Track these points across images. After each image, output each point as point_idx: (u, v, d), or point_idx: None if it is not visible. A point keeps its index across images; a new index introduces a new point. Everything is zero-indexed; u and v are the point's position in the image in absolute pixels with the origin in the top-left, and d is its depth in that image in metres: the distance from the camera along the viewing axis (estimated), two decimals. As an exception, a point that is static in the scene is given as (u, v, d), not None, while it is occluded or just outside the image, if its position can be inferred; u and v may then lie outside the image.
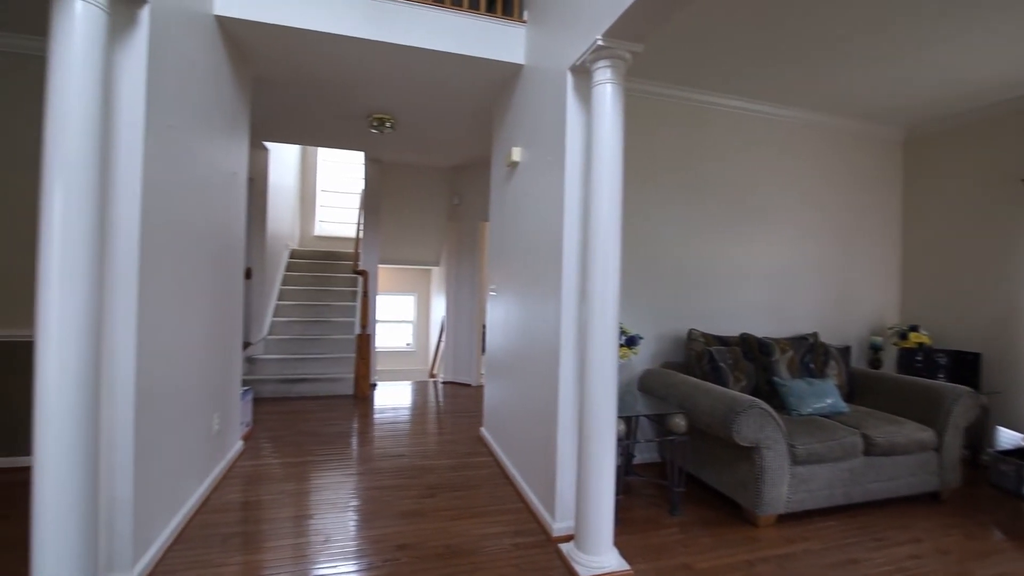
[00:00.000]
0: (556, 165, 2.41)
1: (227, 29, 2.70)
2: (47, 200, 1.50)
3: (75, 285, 1.51)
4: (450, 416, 4.44)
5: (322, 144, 5.49)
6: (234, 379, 3.14)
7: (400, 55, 2.97)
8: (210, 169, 2.57)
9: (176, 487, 2.27)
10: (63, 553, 1.50)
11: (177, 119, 2.14)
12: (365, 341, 5.01)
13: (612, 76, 2.05)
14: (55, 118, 1.52)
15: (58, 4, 1.54)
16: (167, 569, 1.98)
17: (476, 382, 5.63)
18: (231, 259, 2.97)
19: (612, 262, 2.02)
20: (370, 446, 3.57)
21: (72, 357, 1.50)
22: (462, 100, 3.71)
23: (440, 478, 2.98)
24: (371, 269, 5.50)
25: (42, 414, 1.49)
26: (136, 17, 1.85)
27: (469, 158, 5.59)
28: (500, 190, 3.49)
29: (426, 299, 8.82)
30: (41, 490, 1.49)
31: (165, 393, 2.09)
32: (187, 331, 2.32)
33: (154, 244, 1.94)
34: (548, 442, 2.39)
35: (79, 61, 1.55)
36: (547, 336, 2.47)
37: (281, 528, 2.37)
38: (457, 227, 5.92)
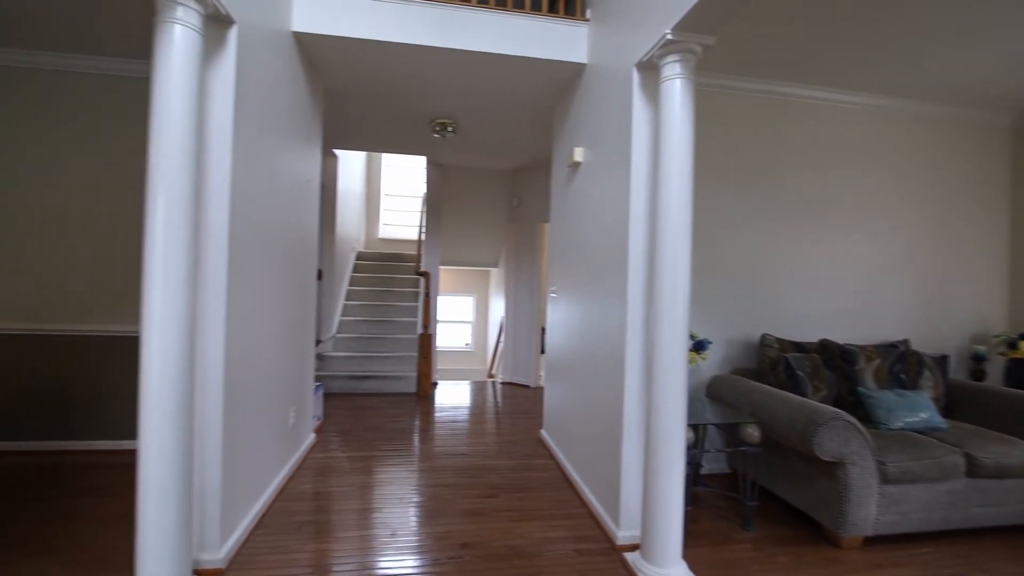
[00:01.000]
0: (621, 164, 2.35)
1: (303, 44, 2.86)
2: (151, 208, 1.64)
3: (174, 286, 1.64)
4: (509, 417, 4.46)
5: (387, 150, 5.69)
6: (308, 375, 3.31)
7: (463, 60, 3.02)
8: (288, 177, 2.72)
9: (257, 475, 2.42)
10: (163, 531, 1.64)
11: (260, 130, 2.29)
12: (427, 341, 5.13)
13: (682, 71, 1.97)
14: (158, 132, 1.66)
15: (161, 29, 1.69)
16: (250, 552, 2.11)
17: (534, 383, 5.63)
18: (306, 261, 3.14)
19: (682, 263, 1.95)
20: (432, 444, 3.64)
21: (172, 352, 1.63)
22: (523, 102, 3.72)
23: (501, 478, 2.99)
24: (433, 270, 5.63)
25: (146, 404, 1.63)
26: (225, 37, 1.99)
27: (529, 160, 5.60)
28: (561, 191, 3.46)
29: (484, 300, 8.92)
30: (145, 473, 1.63)
31: (248, 387, 2.23)
32: (267, 329, 2.47)
33: (239, 248, 2.08)
34: (612, 448, 2.33)
35: (177, 79, 1.68)
36: (611, 339, 2.42)
37: (350, 519, 2.46)
38: (516, 229, 5.94)
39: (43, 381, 3.18)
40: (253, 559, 2.06)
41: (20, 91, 3.16)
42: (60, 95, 3.19)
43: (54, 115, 3.19)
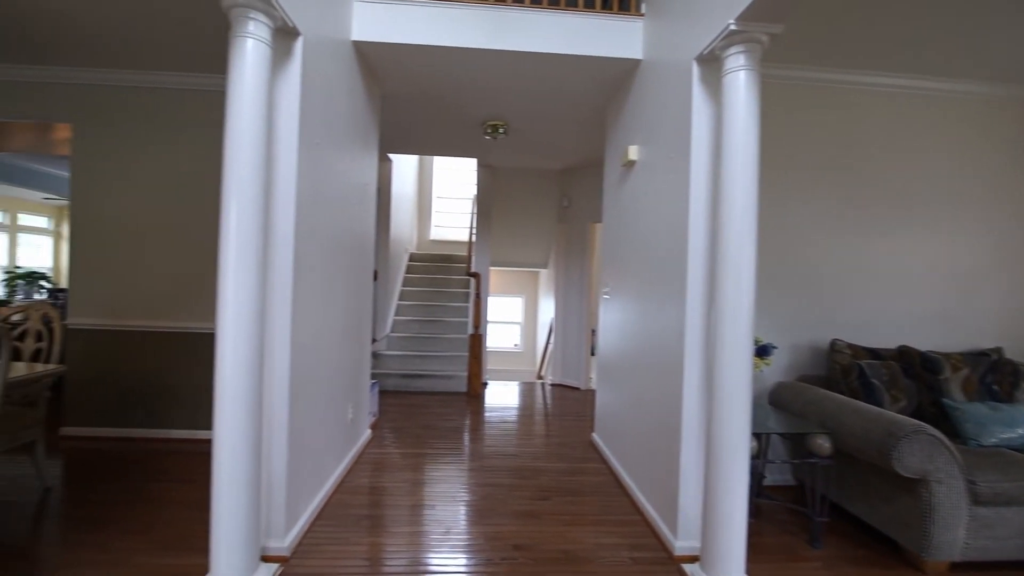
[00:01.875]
0: (679, 162, 2.28)
1: (362, 52, 2.95)
2: (225, 213, 1.74)
3: (246, 286, 1.73)
4: (559, 419, 4.42)
5: (439, 153, 5.80)
6: (364, 372, 3.42)
7: (516, 61, 3.03)
8: (347, 181, 2.82)
9: (318, 468, 2.51)
10: (234, 517, 1.73)
11: (322, 137, 2.38)
12: (477, 341, 5.18)
13: (746, 62, 1.88)
14: (232, 141, 1.75)
15: (235, 43, 1.79)
16: (312, 542, 2.20)
17: (585, 385, 5.56)
18: (363, 262, 3.24)
19: (747, 264, 1.85)
20: (483, 443, 3.67)
21: (243, 348, 1.72)
22: (575, 102, 3.69)
23: (553, 481, 2.97)
24: (483, 271, 5.68)
25: (220, 397, 1.72)
26: (292, 49, 2.08)
27: (579, 160, 5.54)
28: (614, 190, 3.40)
29: (534, 301, 8.92)
30: (219, 462, 1.73)
31: (310, 382, 2.33)
32: (328, 327, 2.57)
33: (303, 250, 2.17)
34: (670, 455, 2.26)
35: (250, 91, 1.78)
36: (668, 342, 2.34)
37: (405, 515, 2.52)
38: (566, 229, 5.90)
39: (128, 373, 3.45)
40: (315, 549, 2.15)
41: (109, 107, 3.45)
42: (146, 110, 3.46)
43: (138, 128, 3.46)
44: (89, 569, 1.95)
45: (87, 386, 3.43)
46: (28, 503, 2.47)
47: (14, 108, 3.50)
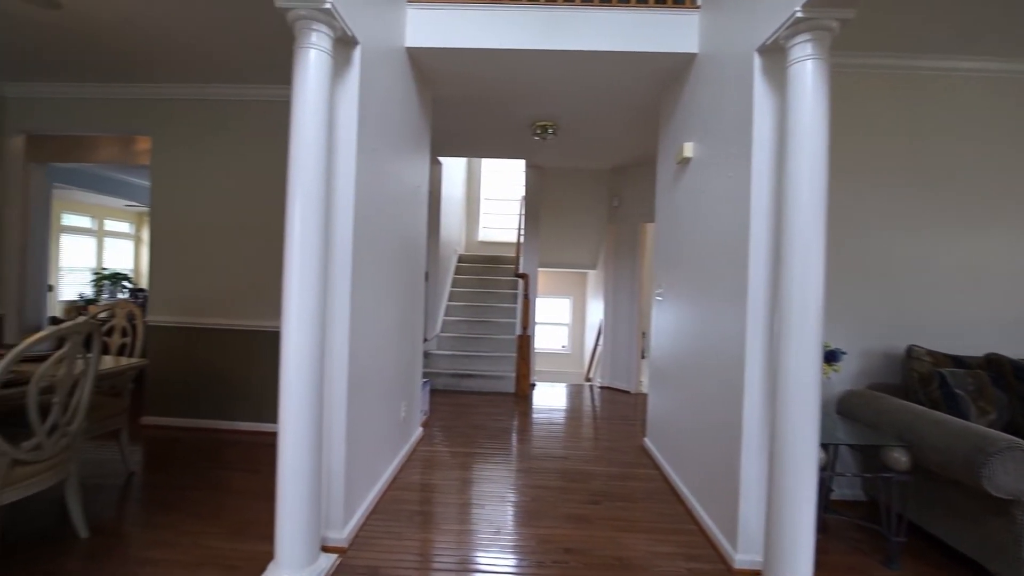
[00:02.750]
0: (739, 158, 2.19)
1: (415, 58, 3.02)
2: (289, 218, 1.82)
3: (309, 287, 1.81)
4: (609, 422, 4.35)
5: (487, 155, 5.86)
6: (417, 371, 3.49)
7: (567, 60, 3.00)
8: (400, 184, 2.89)
9: (373, 463, 2.59)
10: (298, 507, 1.81)
11: (378, 142, 2.45)
12: (526, 342, 5.18)
13: (814, 51, 1.79)
14: (296, 148, 1.83)
15: (299, 55, 1.87)
16: (368, 535, 2.26)
17: (635, 389, 5.44)
18: (415, 264, 3.31)
19: (814, 265, 1.75)
20: (532, 444, 3.66)
21: (306, 346, 1.80)
22: (626, 99, 3.62)
23: (604, 486, 2.92)
24: (531, 272, 5.68)
25: (284, 392, 1.80)
26: (351, 57, 2.16)
27: (630, 159, 5.44)
28: (668, 189, 3.31)
29: (582, 302, 8.83)
30: (283, 454, 1.81)
31: (367, 380, 2.40)
32: (383, 327, 2.64)
33: (360, 252, 2.23)
34: (729, 464, 2.17)
35: (312, 99, 1.85)
36: (727, 345, 2.25)
37: (456, 513, 2.55)
38: (616, 229, 5.80)
39: (199, 368, 3.69)
40: (370, 542, 2.21)
41: (183, 120, 3.70)
42: (215, 121, 3.68)
43: (208, 138, 3.69)
44: (167, 549, 2.09)
45: (164, 379, 3.69)
46: (115, 486, 2.68)
47: (102, 123, 3.82)
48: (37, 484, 1.91)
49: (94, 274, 8.06)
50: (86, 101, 3.77)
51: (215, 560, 2.02)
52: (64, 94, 3.77)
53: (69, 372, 1.93)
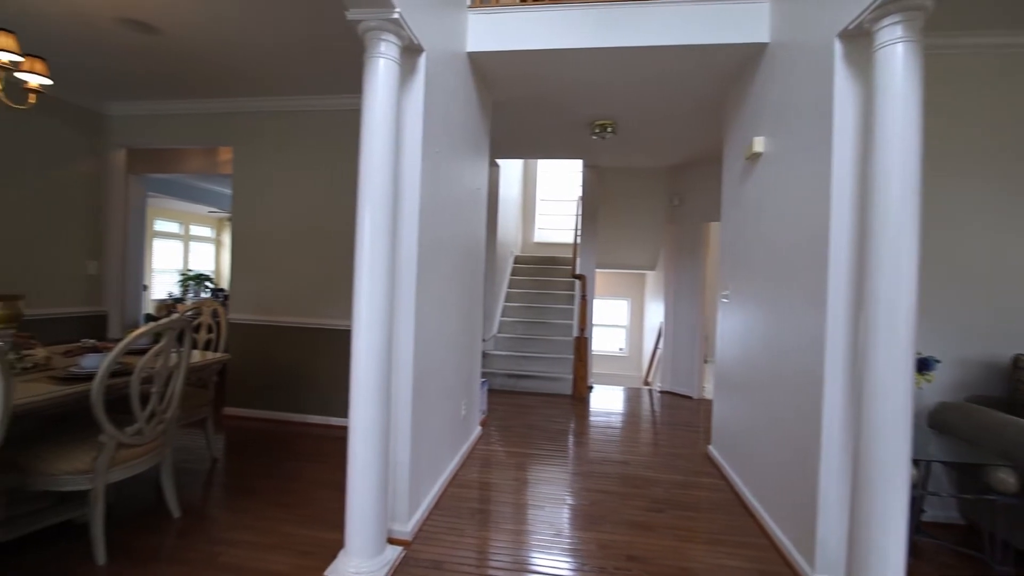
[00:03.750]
0: (817, 151, 2.06)
1: (475, 62, 3.06)
2: (360, 222, 1.90)
3: (378, 288, 1.88)
4: (670, 428, 4.22)
5: (545, 156, 5.85)
6: (476, 370, 3.54)
7: (627, 57, 2.94)
8: (461, 187, 2.94)
9: (436, 460, 2.64)
10: (367, 499, 1.87)
11: (441, 146, 2.50)
12: (583, 344, 5.13)
13: (905, 33, 1.65)
14: (367, 154, 1.91)
15: (368, 64, 1.94)
16: (430, 530, 2.32)
17: (697, 394, 5.24)
18: (475, 265, 3.36)
19: (906, 265, 1.62)
20: (591, 448, 3.61)
21: (375, 344, 1.87)
22: (688, 95, 3.50)
23: (666, 493, 2.83)
24: (588, 273, 5.61)
25: (355, 388, 1.88)
26: (416, 64, 2.22)
27: (691, 156, 5.26)
28: (735, 187, 3.17)
29: (640, 304, 8.63)
30: (353, 448, 1.88)
31: (430, 378, 2.45)
32: (445, 326, 2.69)
33: (425, 254, 2.29)
34: (806, 476, 2.04)
35: (381, 107, 1.92)
36: (803, 351, 2.12)
37: (515, 513, 2.56)
38: (676, 229, 5.62)
39: (274, 363, 3.92)
40: (433, 537, 2.26)
41: (261, 131, 3.95)
42: (289, 130, 3.91)
43: (283, 147, 3.92)
44: (248, 532, 2.23)
45: (243, 372, 3.96)
46: (201, 471, 2.90)
47: (191, 136, 4.16)
48: (138, 466, 2.10)
49: (181, 275, 8.78)
50: (177, 116, 4.12)
51: (290, 545, 2.14)
52: (158, 111, 4.14)
53: (165, 364, 2.11)
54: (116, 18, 2.74)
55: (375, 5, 1.86)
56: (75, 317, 4.08)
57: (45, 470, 1.87)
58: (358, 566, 1.87)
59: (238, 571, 1.94)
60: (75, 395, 1.90)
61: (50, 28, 2.85)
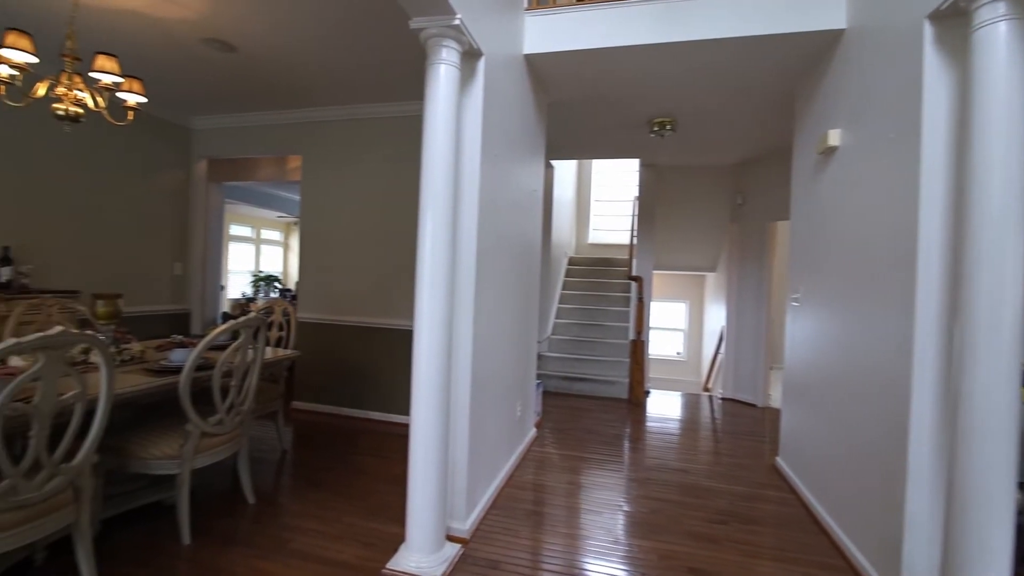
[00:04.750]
0: (904, 144, 1.90)
1: (532, 64, 3.07)
2: (422, 225, 1.94)
3: (439, 290, 1.92)
4: (733, 437, 4.03)
5: (601, 156, 5.78)
6: (531, 372, 3.54)
7: (690, 52, 2.84)
8: (518, 189, 2.95)
9: (492, 460, 2.67)
10: (427, 496, 1.92)
11: (499, 149, 2.53)
12: (639, 347, 5.01)
13: (1009, 10, 1.49)
14: (428, 158, 1.95)
15: (430, 71, 1.99)
16: (487, 529, 2.34)
17: (763, 402, 4.99)
18: (530, 266, 3.36)
19: (1010, 268, 1.46)
20: (648, 454, 3.52)
21: (436, 344, 1.91)
22: (755, 88, 3.34)
23: (730, 505, 2.71)
24: (645, 275, 5.49)
25: (416, 387, 1.93)
26: (475, 69, 2.25)
27: (756, 152, 5.02)
28: (806, 183, 2.99)
29: (699, 307, 8.33)
30: (414, 445, 1.93)
31: (487, 379, 2.48)
32: (502, 327, 2.71)
33: (483, 255, 2.32)
34: (889, 496, 1.89)
35: (442, 111, 1.96)
36: (887, 359, 1.97)
37: (572, 517, 2.53)
38: (740, 229, 5.38)
39: (338, 360, 4.09)
40: (490, 536, 2.27)
41: (326, 138, 4.15)
42: (351, 137, 4.08)
43: (346, 153, 4.09)
44: (315, 521, 2.34)
45: (309, 369, 4.16)
46: (272, 461, 3.07)
47: (264, 146, 4.43)
48: (218, 454, 2.25)
49: (253, 276, 9.37)
50: (252, 128, 4.40)
51: (354, 536, 2.22)
52: (235, 123, 4.44)
53: (243, 360, 2.25)
54: (201, 39, 2.97)
55: (437, 12, 1.90)
56: (163, 314, 4.45)
57: (139, 454, 2.05)
58: (419, 561, 1.92)
59: (306, 558, 2.04)
60: (166, 386, 2.06)
61: (144, 50, 3.13)
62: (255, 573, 1.93)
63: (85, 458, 1.65)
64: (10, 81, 2.15)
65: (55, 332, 1.41)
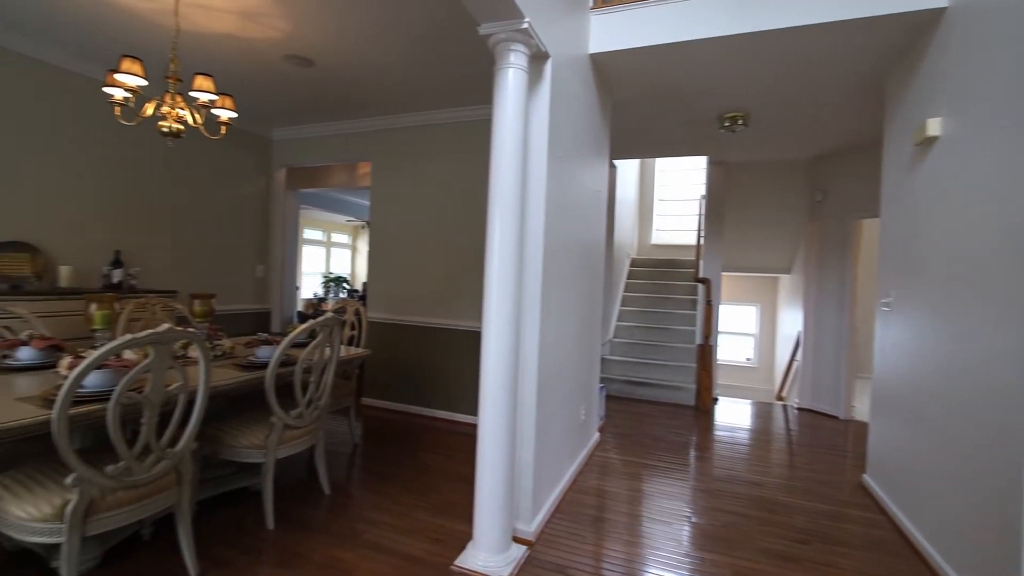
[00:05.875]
0: (1021, 132, 1.70)
1: (597, 64, 3.03)
2: (490, 228, 1.97)
3: (506, 293, 1.93)
4: (811, 450, 3.78)
5: (666, 154, 5.60)
6: (594, 375, 3.49)
7: (767, 43, 2.70)
8: (582, 190, 2.92)
9: (557, 463, 2.65)
10: (495, 496, 1.94)
11: (564, 150, 2.51)
12: (707, 352, 4.81)
13: None
14: (497, 162, 1.97)
15: (499, 76, 2.01)
16: (552, 533, 2.32)
17: (846, 414, 4.63)
18: (595, 268, 3.31)
19: None
20: (718, 465, 3.37)
21: (504, 345, 1.92)
22: (838, 77, 3.11)
23: (812, 523, 2.53)
24: (713, 277, 5.26)
25: (484, 390, 1.95)
26: (542, 71, 2.25)
27: (838, 145, 4.67)
28: (900, 177, 2.75)
29: (771, 310, 7.87)
30: (482, 446, 1.95)
31: (552, 380, 2.46)
32: (567, 328, 2.69)
33: (549, 257, 2.31)
34: (1002, 523, 1.69)
35: (511, 115, 1.97)
36: (1000, 372, 1.76)
37: (638, 525, 2.46)
38: (819, 228, 5.03)
39: (404, 359, 4.23)
40: (555, 540, 2.26)
41: (394, 145, 4.30)
42: (416, 143, 4.20)
43: (412, 159, 4.22)
44: (386, 514, 2.42)
45: (377, 367, 4.33)
46: (344, 454, 3.21)
47: (336, 154, 4.66)
48: (298, 446, 2.39)
49: (323, 277, 9.90)
50: (325, 137, 4.65)
51: (423, 531, 2.28)
52: (310, 134, 4.70)
53: (321, 357, 2.37)
54: (283, 55, 3.17)
55: (505, 17, 1.92)
56: (246, 313, 4.79)
57: (230, 443, 2.21)
58: (486, 560, 1.94)
59: (379, 549, 2.12)
60: (254, 381, 2.21)
61: (231, 68, 3.38)
62: (332, 561, 2.02)
63: (186, 444, 1.80)
64: (124, 103, 2.39)
65: (163, 329, 1.55)
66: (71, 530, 1.51)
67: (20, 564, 1.85)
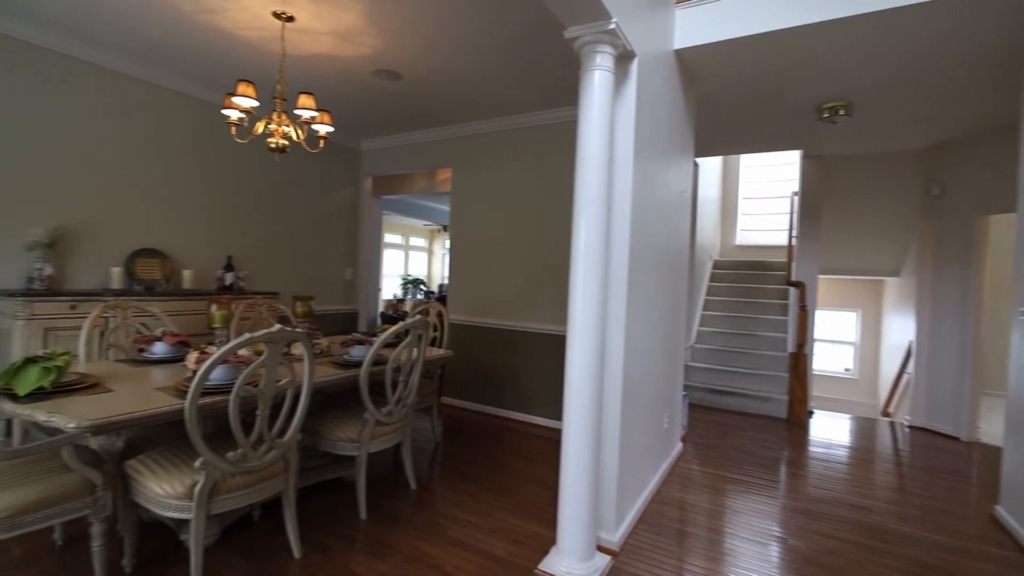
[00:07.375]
0: None
1: (682, 59, 2.91)
2: (576, 230, 1.95)
3: (592, 297, 1.91)
4: (928, 474, 3.38)
5: (753, 150, 5.28)
6: (678, 382, 3.36)
7: (874, 24, 2.46)
8: (667, 190, 2.82)
9: (640, 472, 2.58)
10: (579, 501, 1.92)
11: (649, 150, 2.44)
12: (802, 361, 4.47)
13: None
14: (583, 164, 1.96)
15: (584, 79, 1.99)
16: (636, 544, 2.26)
17: (968, 435, 4.11)
18: (679, 271, 3.19)
19: None
20: (815, 483, 3.11)
21: (589, 350, 1.90)
22: (959, 56, 2.76)
23: (931, 557, 2.27)
24: (808, 281, 4.88)
25: (569, 395, 1.94)
26: (628, 70, 2.20)
27: (957, 132, 4.16)
28: (1044, 167, 2.40)
29: (875, 317, 7.17)
30: (567, 451, 1.94)
31: (636, 387, 2.40)
32: (650, 333, 2.61)
33: (634, 260, 2.25)
34: None
35: (597, 118, 1.95)
36: None
37: (729, 543, 2.33)
38: (936, 225, 4.51)
39: (482, 361, 4.31)
40: (639, 552, 2.19)
41: (473, 151, 4.40)
42: (496, 148, 4.28)
43: (491, 163, 4.30)
44: (468, 512, 2.48)
45: (457, 367, 4.44)
46: (427, 451, 3.33)
47: (418, 161, 4.86)
48: (388, 441, 2.51)
49: (402, 279, 10.35)
50: (408, 146, 4.86)
51: (504, 532, 2.30)
52: (394, 143, 4.94)
53: (409, 357, 2.47)
54: (372, 71, 3.35)
55: (592, 19, 1.90)
56: (337, 313, 5.11)
57: (328, 435, 2.37)
58: (569, 566, 1.92)
59: (463, 547, 2.17)
60: (349, 378, 2.35)
61: (326, 84, 3.63)
62: (419, 555, 2.10)
63: (293, 435, 1.95)
64: (239, 123, 2.64)
65: (276, 329, 1.69)
66: (199, 508, 1.69)
67: (154, 535, 2.08)
